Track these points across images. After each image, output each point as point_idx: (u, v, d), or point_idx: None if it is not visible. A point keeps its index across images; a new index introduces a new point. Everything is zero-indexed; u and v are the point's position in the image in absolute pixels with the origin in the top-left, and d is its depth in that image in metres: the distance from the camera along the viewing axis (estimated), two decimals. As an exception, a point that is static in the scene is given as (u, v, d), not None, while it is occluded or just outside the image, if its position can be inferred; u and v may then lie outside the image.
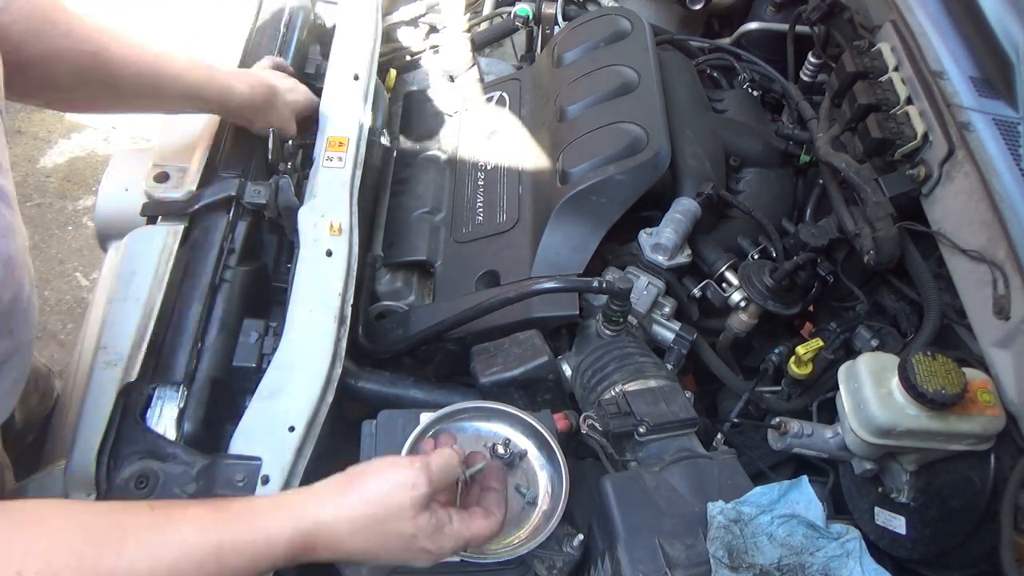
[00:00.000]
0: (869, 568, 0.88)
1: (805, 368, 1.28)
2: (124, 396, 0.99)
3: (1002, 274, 1.09)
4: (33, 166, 3.10)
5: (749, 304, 1.34)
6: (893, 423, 1.05)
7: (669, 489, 0.96)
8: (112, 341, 1.02)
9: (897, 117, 1.30)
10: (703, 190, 1.40)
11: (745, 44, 1.91)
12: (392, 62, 1.89)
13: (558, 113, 1.48)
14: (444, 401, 1.16)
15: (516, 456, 1.01)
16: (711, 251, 1.40)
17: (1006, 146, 1.17)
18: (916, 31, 1.34)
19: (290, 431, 0.97)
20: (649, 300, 1.31)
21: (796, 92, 1.63)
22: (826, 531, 0.91)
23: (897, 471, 1.20)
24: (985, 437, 1.07)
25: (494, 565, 0.94)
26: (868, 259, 1.27)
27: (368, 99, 1.42)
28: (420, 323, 1.33)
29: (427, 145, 1.62)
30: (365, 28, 1.54)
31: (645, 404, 1.07)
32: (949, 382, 1.02)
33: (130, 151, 1.43)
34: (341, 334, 1.09)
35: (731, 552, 0.88)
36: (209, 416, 1.02)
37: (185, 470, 0.94)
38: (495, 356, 1.20)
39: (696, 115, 1.54)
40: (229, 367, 1.08)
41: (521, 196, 1.43)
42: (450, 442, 0.96)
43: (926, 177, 1.26)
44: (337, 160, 1.29)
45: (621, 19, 1.60)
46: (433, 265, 1.44)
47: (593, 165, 1.32)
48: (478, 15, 1.97)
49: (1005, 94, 1.24)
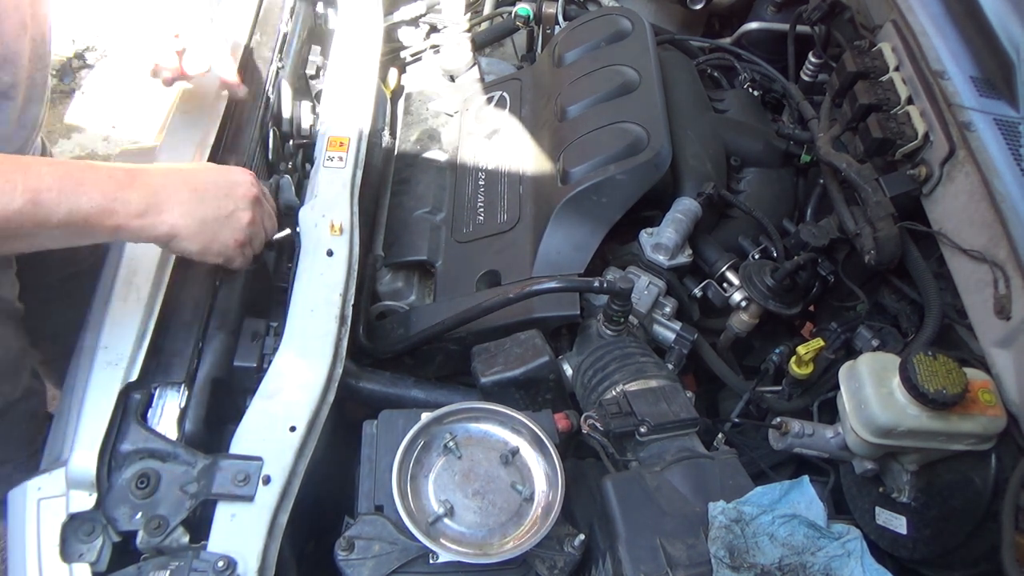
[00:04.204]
0: (870, 568, 0.88)
1: (806, 368, 1.28)
2: (125, 396, 0.99)
3: (1003, 274, 1.09)
4: (33, 166, 3.10)
5: (750, 304, 1.34)
6: (894, 423, 1.05)
7: (670, 489, 0.96)
8: (113, 341, 1.02)
9: (898, 117, 1.30)
10: (704, 190, 1.40)
11: (746, 44, 1.91)
12: (392, 62, 1.89)
13: (559, 113, 1.48)
14: (445, 401, 1.16)
15: (509, 453, 1.01)
16: (712, 251, 1.40)
17: (1007, 146, 1.17)
18: (917, 31, 1.34)
19: (291, 431, 0.97)
20: (650, 300, 1.31)
21: (797, 92, 1.63)
22: (827, 531, 0.90)
23: (898, 471, 1.20)
24: (986, 437, 1.07)
25: (495, 565, 0.94)
26: (869, 259, 1.27)
27: (369, 99, 1.42)
28: (421, 323, 1.33)
29: (428, 145, 1.62)
30: (366, 28, 1.54)
31: (646, 404, 1.07)
32: (950, 382, 1.02)
33: (130, 151, 1.43)
34: (342, 334, 1.09)
35: (732, 552, 0.88)
36: (210, 416, 1.02)
37: (186, 470, 0.94)
38: (496, 356, 1.20)
39: (697, 115, 1.54)
40: (230, 367, 1.08)
41: (522, 196, 1.43)
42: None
43: (927, 177, 1.26)
44: (338, 160, 1.29)
45: (622, 19, 1.60)
46: (434, 265, 1.44)
47: (594, 165, 1.32)
48: (479, 15, 1.98)
49: (1006, 94, 1.24)
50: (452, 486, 0.98)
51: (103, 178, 0.90)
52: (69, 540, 0.89)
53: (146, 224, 0.94)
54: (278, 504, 0.92)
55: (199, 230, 0.98)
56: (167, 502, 0.92)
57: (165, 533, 0.89)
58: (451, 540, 0.94)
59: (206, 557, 0.87)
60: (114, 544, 0.89)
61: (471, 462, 1.00)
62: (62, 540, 0.89)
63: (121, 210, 0.91)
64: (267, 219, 1.09)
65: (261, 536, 0.89)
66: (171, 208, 0.95)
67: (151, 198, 0.94)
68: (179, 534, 0.90)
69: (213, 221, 0.99)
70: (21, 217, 0.83)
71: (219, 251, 1.02)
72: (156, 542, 0.89)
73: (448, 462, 1.00)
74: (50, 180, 0.85)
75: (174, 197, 0.95)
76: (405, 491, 0.96)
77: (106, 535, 0.89)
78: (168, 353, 1.05)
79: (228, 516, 0.91)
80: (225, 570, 0.85)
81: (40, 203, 0.84)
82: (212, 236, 0.99)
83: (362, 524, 0.95)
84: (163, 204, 0.94)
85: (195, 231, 0.97)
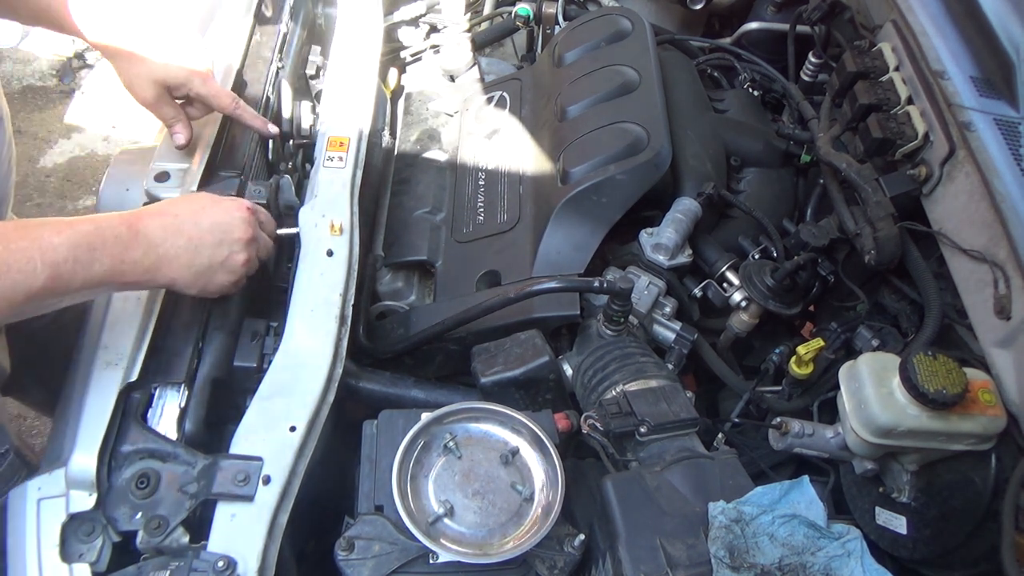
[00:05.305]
0: (870, 568, 0.88)
1: (806, 368, 1.28)
2: (125, 396, 0.99)
3: (1003, 274, 1.09)
4: (33, 166, 3.10)
5: (750, 304, 1.34)
6: (894, 423, 1.05)
7: (670, 489, 0.96)
8: (113, 341, 1.02)
9: (898, 117, 1.30)
10: (704, 190, 1.40)
11: (746, 44, 1.91)
12: (392, 62, 1.89)
13: (559, 113, 1.48)
14: (445, 401, 1.16)
15: (509, 453, 1.01)
16: (712, 251, 1.40)
17: (1007, 146, 1.17)
18: (917, 31, 1.34)
19: (291, 431, 0.97)
20: (650, 300, 1.31)
21: (797, 92, 1.63)
22: (827, 531, 0.90)
23: (898, 471, 1.20)
24: (986, 437, 1.07)
25: (495, 565, 0.94)
26: (869, 259, 1.27)
27: (369, 99, 1.42)
28: (421, 323, 1.33)
29: (428, 145, 1.62)
30: (366, 28, 1.54)
31: (646, 404, 1.07)
32: (950, 382, 1.02)
33: (131, 151, 1.43)
34: (342, 334, 1.09)
35: (732, 552, 0.88)
36: (210, 416, 1.02)
37: (186, 470, 0.94)
38: (496, 356, 1.20)
39: (697, 115, 1.54)
40: (230, 367, 1.08)
41: (522, 196, 1.43)
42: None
43: (927, 177, 1.26)
44: (338, 160, 1.29)
45: (622, 19, 1.60)
46: (434, 265, 1.44)
47: (594, 165, 1.32)
48: (479, 15, 1.98)
49: (1006, 94, 1.24)
50: (452, 486, 0.98)
51: (110, 240, 0.92)
52: (69, 540, 0.89)
53: (152, 279, 0.98)
54: (278, 504, 0.92)
55: (195, 280, 1.01)
56: (167, 502, 0.92)
57: (165, 533, 0.89)
58: (451, 540, 0.94)
59: (206, 557, 0.87)
60: (114, 544, 0.89)
61: (471, 462, 1.00)
62: (62, 540, 0.89)
63: (130, 271, 0.94)
64: (263, 250, 1.11)
65: (261, 536, 0.89)
66: (170, 263, 0.98)
67: (153, 254, 0.96)
68: (179, 534, 0.90)
69: (208, 269, 1.02)
70: (44, 292, 0.86)
71: (216, 290, 1.05)
72: (156, 542, 0.89)
73: (448, 462, 1.00)
74: (64, 251, 0.87)
75: (171, 252, 0.98)
76: (405, 491, 0.96)
77: (106, 535, 0.89)
78: (168, 353, 1.05)
79: (228, 516, 0.91)
80: (225, 570, 0.85)
81: (60, 277, 0.86)
82: (208, 281, 1.03)
83: (362, 524, 0.95)
84: (162, 260, 0.97)
85: (191, 281, 1.01)
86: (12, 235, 0.85)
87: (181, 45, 1.18)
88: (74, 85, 3.54)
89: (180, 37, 1.19)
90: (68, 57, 3.59)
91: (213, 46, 1.38)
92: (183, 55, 1.18)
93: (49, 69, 3.56)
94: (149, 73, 1.16)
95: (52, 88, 3.51)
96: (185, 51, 1.19)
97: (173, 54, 1.17)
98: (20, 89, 3.46)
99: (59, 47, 3.57)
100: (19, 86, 3.47)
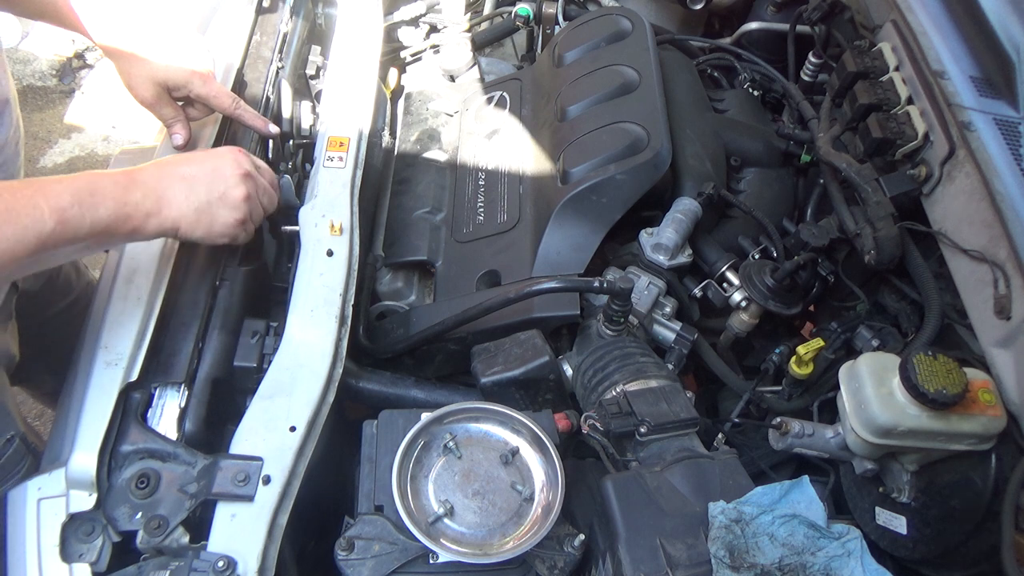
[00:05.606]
0: (870, 568, 0.88)
1: (806, 368, 1.28)
2: (125, 396, 0.99)
3: (1003, 274, 1.09)
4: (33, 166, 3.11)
5: (750, 304, 1.34)
6: (894, 423, 1.05)
7: (670, 489, 0.96)
8: (113, 341, 1.02)
9: (898, 117, 1.30)
10: (704, 190, 1.39)
11: (746, 44, 1.91)
12: (392, 62, 1.89)
13: (559, 113, 1.48)
14: (445, 401, 1.16)
15: (509, 453, 1.01)
16: (712, 251, 1.40)
17: (1007, 146, 1.17)
18: (917, 31, 1.34)
19: (291, 431, 0.97)
20: (650, 300, 1.31)
21: (797, 92, 1.63)
22: (827, 531, 0.90)
23: (898, 471, 1.20)
24: (986, 437, 1.07)
25: (495, 565, 0.94)
26: (869, 259, 1.27)
27: (369, 99, 1.42)
28: (421, 323, 1.33)
29: (428, 145, 1.62)
30: (366, 28, 1.54)
31: (646, 404, 1.07)
32: (950, 382, 1.02)
33: (130, 151, 1.43)
34: (342, 334, 1.09)
35: (732, 552, 0.88)
36: (210, 416, 1.02)
37: (186, 470, 0.94)
38: (496, 356, 1.20)
39: (697, 115, 1.54)
40: (230, 367, 1.08)
41: (522, 196, 1.43)
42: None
43: (927, 177, 1.26)
44: (338, 160, 1.29)
45: (622, 19, 1.60)
46: (434, 265, 1.44)
47: (594, 165, 1.32)
48: (479, 15, 1.97)
49: (1006, 94, 1.24)
50: (452, 486, 0.98)
51: (109, 185, 0.93)
52: (69, 540, 0.89)
53: (156, 222, 0.98)
54: (278, 504, 0.92)
55: (197, 218, 1.01)
56: (167, 502, 0.92)
57: (165, 533, 0.89)
58: (451, 540, 0.94)
59: (206, 557, 0.87)
60: (114, 544, 0.89)
61: (471, 462, 1.00)
62: (62, 540, 0.89)
63: (135, 213, 0.95)
64: (262, 192, 1.11)
65: (261, 536, 0.89)
66: (170, 202, 0.99)
67: (152, 196, 0.97)
68: (179, 534, 0.90)
69: (208, 205, 1.02)
70: (54, 238, 0.87)
71: (221, 232, 1.05)
72: (156, 542, 0.89)
73: (448, 462, 1.00)
74: (68, 197, 0.88)
75: (169, 192, 0.99)
76: (405, 491, 0.96)
77: (106, 535, 0.89)
78: (168, 353, 1.05)
79: (228, 516, 0.91)
80: (225, 570, 0.85)
81: (67, 221, 0.87)
82: (211, 219, 1.03)
83: (362, 524, 0.95)
84: (163, 200, 0.98)
85: (194, 219, 1.01)
86: (14, 185, 0.86)
87: (182, 46, 1.19)
88: (74, 85, 3.54)
89: (181, 38, 1.20)
90: (68, 57, 3.59)
91: (213, 45, 1.38)
92: (184, 56, 1.19)
93: (49, 69, 3.56)
94: (149, 73, 1.17)
95: (52, 88, 3.51)
96: (186, 52, 1.19)
97: (174, 55, 1.18)
98: (20, 89, 3.46)
99: (59, 47, 3.57)
100: (19, 86, 3.47)
